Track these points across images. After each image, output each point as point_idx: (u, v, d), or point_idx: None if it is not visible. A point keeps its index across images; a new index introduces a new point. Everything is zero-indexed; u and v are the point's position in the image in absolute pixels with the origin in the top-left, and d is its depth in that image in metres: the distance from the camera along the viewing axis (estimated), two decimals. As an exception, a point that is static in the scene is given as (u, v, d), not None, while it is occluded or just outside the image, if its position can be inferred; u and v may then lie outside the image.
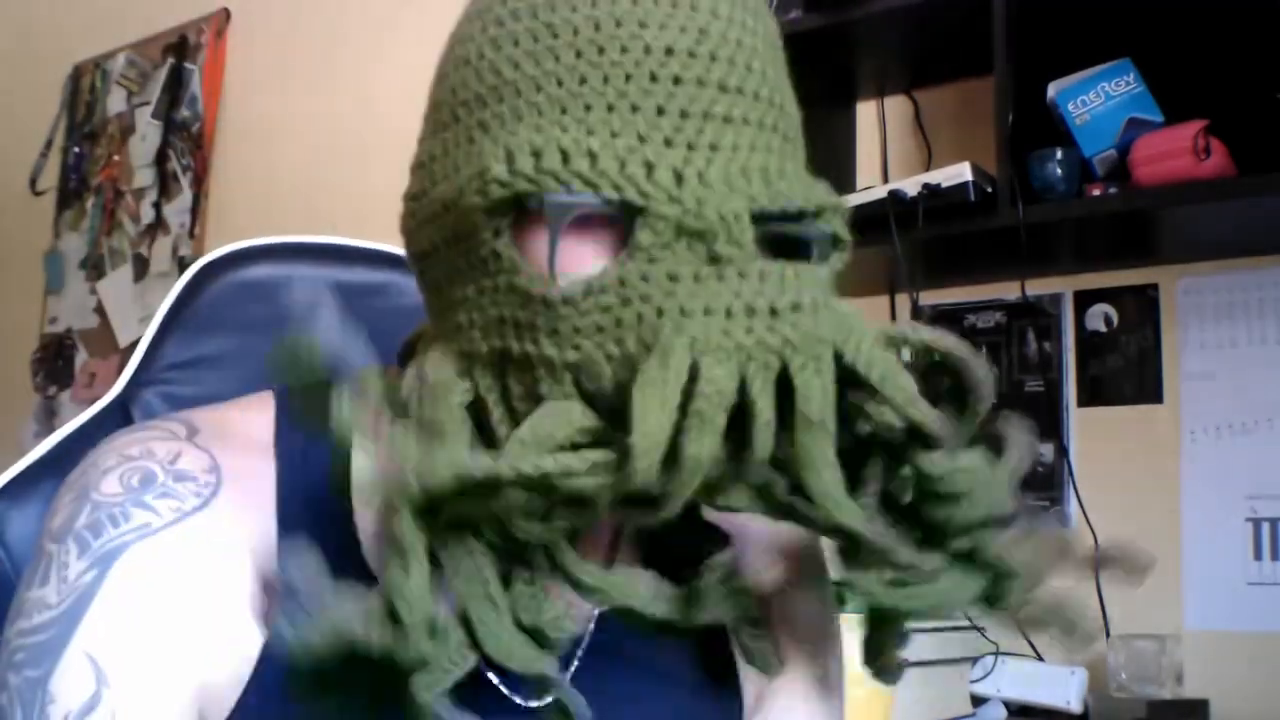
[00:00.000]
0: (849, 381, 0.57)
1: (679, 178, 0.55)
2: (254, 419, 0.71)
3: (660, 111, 0.56)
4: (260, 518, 0.67)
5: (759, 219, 0.57)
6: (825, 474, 0.56)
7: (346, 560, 0.63)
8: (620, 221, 0.57)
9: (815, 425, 0.55)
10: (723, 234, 0.55)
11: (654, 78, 0.56)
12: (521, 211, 0.58)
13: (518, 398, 0.58)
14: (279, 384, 0.73)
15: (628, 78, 0.56)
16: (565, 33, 0.58)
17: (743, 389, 0.54)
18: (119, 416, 0.92)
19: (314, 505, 0.67)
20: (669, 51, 0.57)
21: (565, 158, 0.56)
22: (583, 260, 0.57)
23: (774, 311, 0.55)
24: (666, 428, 0.53)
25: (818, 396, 0.55)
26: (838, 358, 0.56)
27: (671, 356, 0.53)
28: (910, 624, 0.62)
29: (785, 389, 0.55)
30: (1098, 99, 1.64)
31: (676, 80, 0.56)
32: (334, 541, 0.63)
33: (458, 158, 0.61)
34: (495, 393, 0.59)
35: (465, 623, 0.56)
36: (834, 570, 0.62)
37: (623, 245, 0.57)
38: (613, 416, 0.55)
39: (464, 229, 0.59)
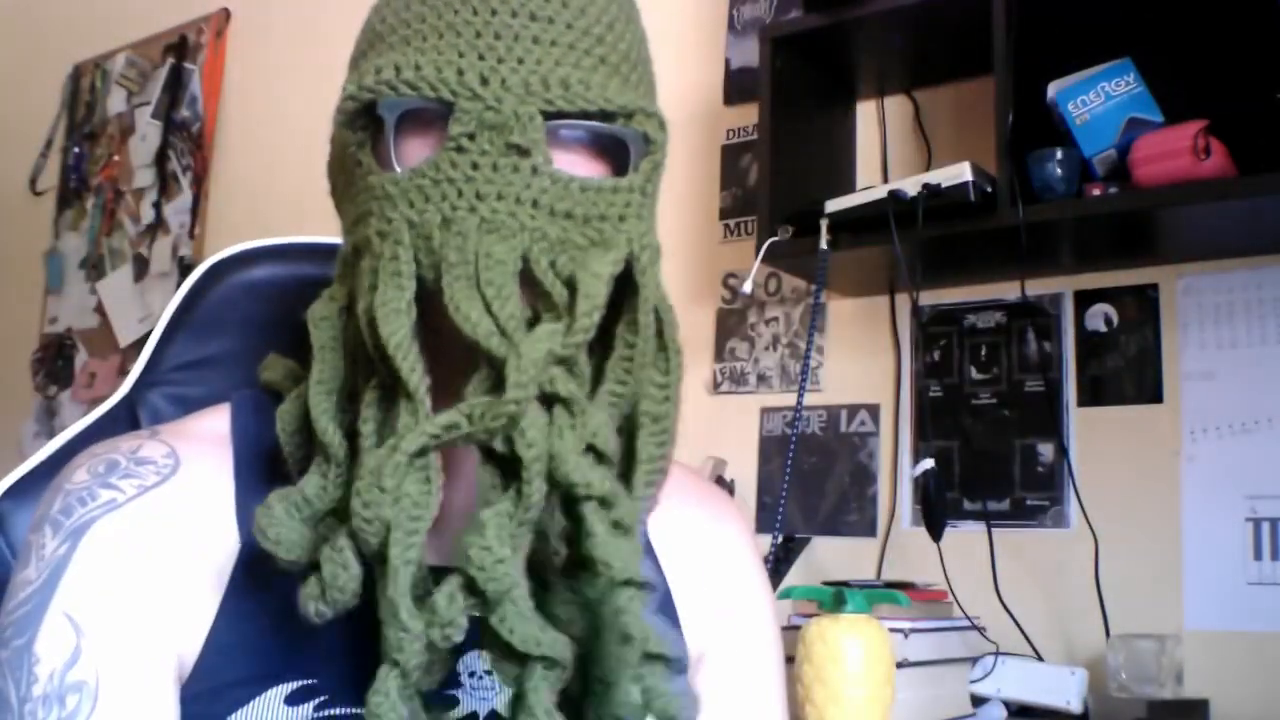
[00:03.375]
0: None
1: (484, 80, 0.68)
2: (210, 420, 0.80)
3: (477, 35, 0.69)
4: (216, 491, 0.74)
5: (553, 117, 0.68)
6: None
7: None
8: (445, 120, 0.68)
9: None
10: (517, 128, 0.67)
11: (475, 11, 0.69)
12: (373, 120, 0.70)
13: (363, 290, 0.68)
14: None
15: (455, 12, 0.70)
16: None
17: (526, 263, 0.66)
18: (126, 418, 0.92)
19: (271, 482, 0.71)
20: None
21: (397, 71, 0.69)
22: (421, 153, 0.69)
23: (553, 211, 0.67)
24: (483, 309, 0.64)
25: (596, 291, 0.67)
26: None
27: (468, 239, 0.66)
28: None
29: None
30: (1098, 99, 1.64)
31: (493, 12, 0.69)
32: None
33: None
34: (348, 288, 0.71)
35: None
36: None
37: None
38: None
39: (339, 150, 0.73)
